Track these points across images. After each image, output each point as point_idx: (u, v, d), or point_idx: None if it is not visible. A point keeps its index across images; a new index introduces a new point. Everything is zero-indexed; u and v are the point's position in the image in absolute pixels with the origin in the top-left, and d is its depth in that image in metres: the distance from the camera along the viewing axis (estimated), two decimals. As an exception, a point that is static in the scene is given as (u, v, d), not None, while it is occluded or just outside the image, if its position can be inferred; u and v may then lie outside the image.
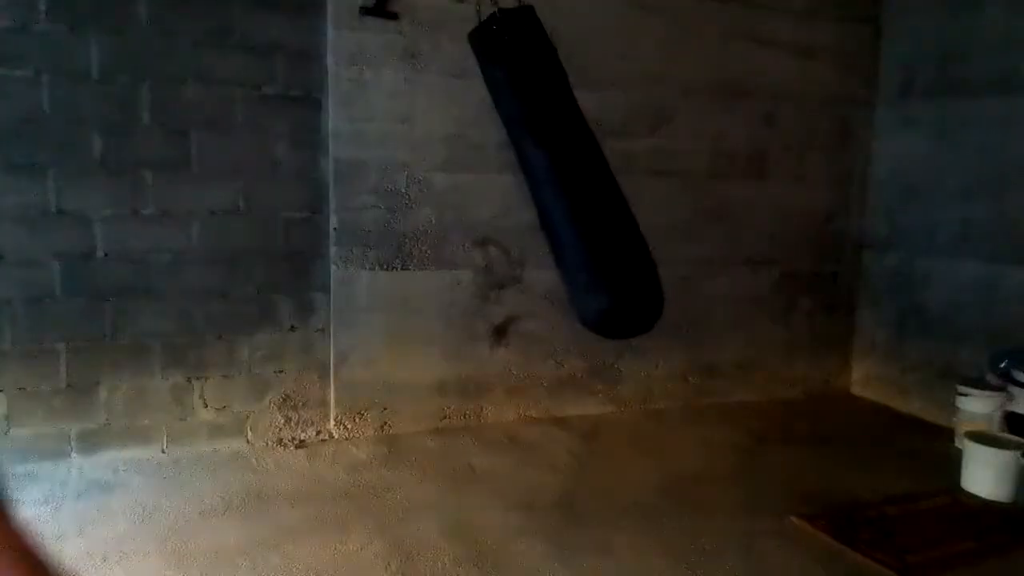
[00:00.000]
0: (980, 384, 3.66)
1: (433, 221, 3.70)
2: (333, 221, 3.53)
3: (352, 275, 3.58)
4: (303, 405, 3.60)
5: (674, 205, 4.18)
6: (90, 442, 3.27)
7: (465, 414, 3.88)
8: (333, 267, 3.56)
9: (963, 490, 3.25)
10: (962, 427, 3.59)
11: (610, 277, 2.63)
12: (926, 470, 3.50)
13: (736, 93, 4.22)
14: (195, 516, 2.82)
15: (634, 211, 4.07)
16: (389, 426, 3.73)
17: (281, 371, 3.55)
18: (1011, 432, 3.45)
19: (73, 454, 3.25)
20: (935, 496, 3.20)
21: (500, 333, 3.91)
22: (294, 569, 2.48)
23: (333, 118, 3.47)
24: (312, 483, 3.15)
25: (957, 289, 4.11)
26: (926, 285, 4.28)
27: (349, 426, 3.66)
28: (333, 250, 3.55)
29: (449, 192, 3.72)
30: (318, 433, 3.64)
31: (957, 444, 3.64)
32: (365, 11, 3.42)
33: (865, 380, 4.66)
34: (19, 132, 3.04)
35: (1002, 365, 3.62)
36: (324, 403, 3.64)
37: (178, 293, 3.34)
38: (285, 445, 3.53)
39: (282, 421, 3.57)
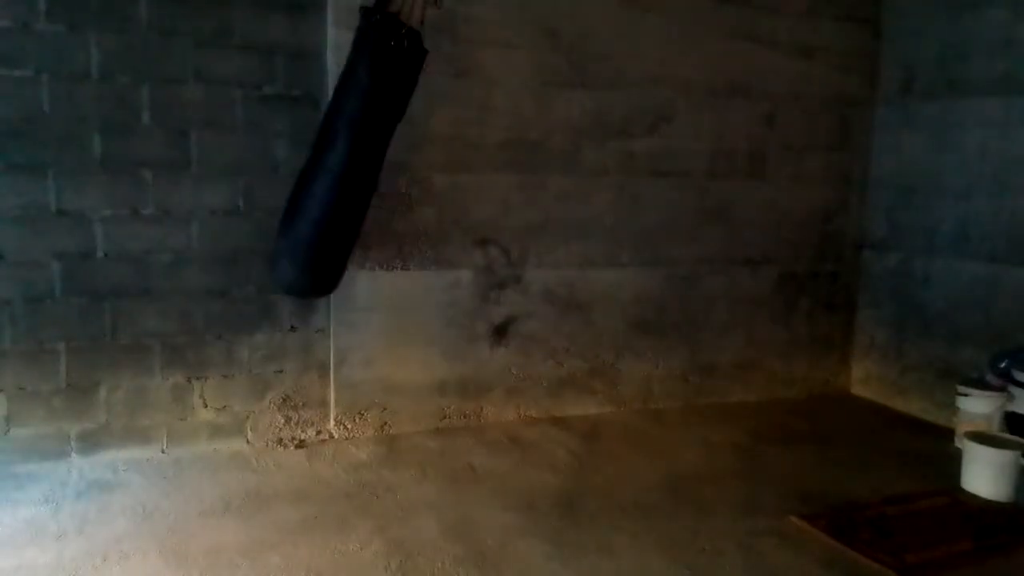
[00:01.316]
0: (980, 384, 3.66)
1: (433, 221, 3.70)
2: (333, 221, 3.53)
3: (352, 275, 3.58)
4: (303, 405, 3.60)
5: (674, 205, 4.18)
6: (90, 442, 3.27)
7: (465, 414, 3.88)
8: (333, 267, 3.56)
9: (963, 490, 3.25)
10: (962, 427, 3.60)
11: (310, 262, 3.20)
12: (926, 470, 3.50)
13: (736, 93, 4.22)
14: (195, 516, 2.82)
15: (634, 211, 4.12)
16: (389, 426, 3.73)
17: (281, 371, 3.55)
18: (1011, 432, 3.46)
19: (73, 454, 3.25)
20: (935, 496, 3.20)
21: (500, 333, 3.91)
22: (294, 569, 2.48)
23: (333, 118, 3.47)
24: (312, 483, 3.15)
25: (957, 289, 4.11)
26: (926, 285, 4.28)
27: (349, 426, 3.67)
28: (333, 250, 3.55)
29: (449, 192, 3.72)
30: (318, 433, 3.64)
31: (957, 444, 3.64)
32: (365, 11, 3.42)
33: (865, 380, 4.66)
34: (19, 132, 3.04)
35: (1002, 365, 3.62)
36: (324, 403, 3.64)
37: (178, 293, 3.34)
38: (285, 445, 3.53)
39: (282, 421, 3.57)
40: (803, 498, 3.13)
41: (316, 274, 3.25)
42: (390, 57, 2.98)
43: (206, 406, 3.44)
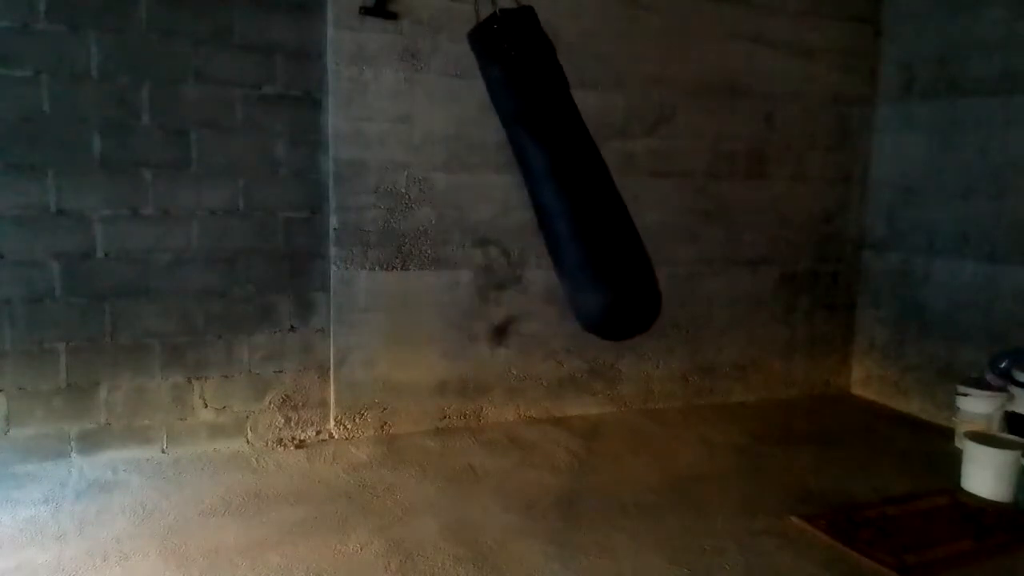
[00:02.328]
0: (980, 384, 3.66)
1: (433, 221, 3.70)
2: (333, 221, 3.53)
3: (352, 275, 3.58)
4: (303, 405, 3.60)
5: (674, 205, 4.18)
6: (90, 442, 3.27)
7: (465, 414, 3.88)
8: (333, 267, 3.56)
9: (963, 490, 3.25)
10: (962, 427, 3.60)
11: (611, 274, 2.59)
12: (926, 470, 3.50)
13: (736, 93, 4.22)
14: (195, 516, 2.82)
15: (634, 211, 4.09)
16: (389, 426, 3.73)
17: (281, 371, 3.55)
18: (1011, 432, 3.45)
19: (73, 454, 3.25)
20: (935, 496, 3.20)
21: (500, 333, 3.91)
22: (294, 569, 2.48)
23: (333, 118, 3.47)
24: (312, 483, 3.15)
25: (957, 289, 4.11)
26: (926, 285, 4.28)
27: (349, 426, 3.67)
28: (333, 250, 3.55)
29: (449, 192, 3.72)
30: (318, 433, 3.64)
31: (957, 444, 3.64)
32: (365, 11, 3.42)
33: (865, 380, 4.66)
34: (19, 132, 3.04)
35: (1002, 365, 3.62)
36: (324, 403, 3.64)
37: (178, 293, 3.34)
38: (285, 445, 3.53)
39: (282, 421, 3.57)
40: (803, 498, 3.13)
41: (619, 288, 2.61)
42: (500, 39, 2.56)
43: (206, 406, 3.44)
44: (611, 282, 2.60)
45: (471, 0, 2.68)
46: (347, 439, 3.63)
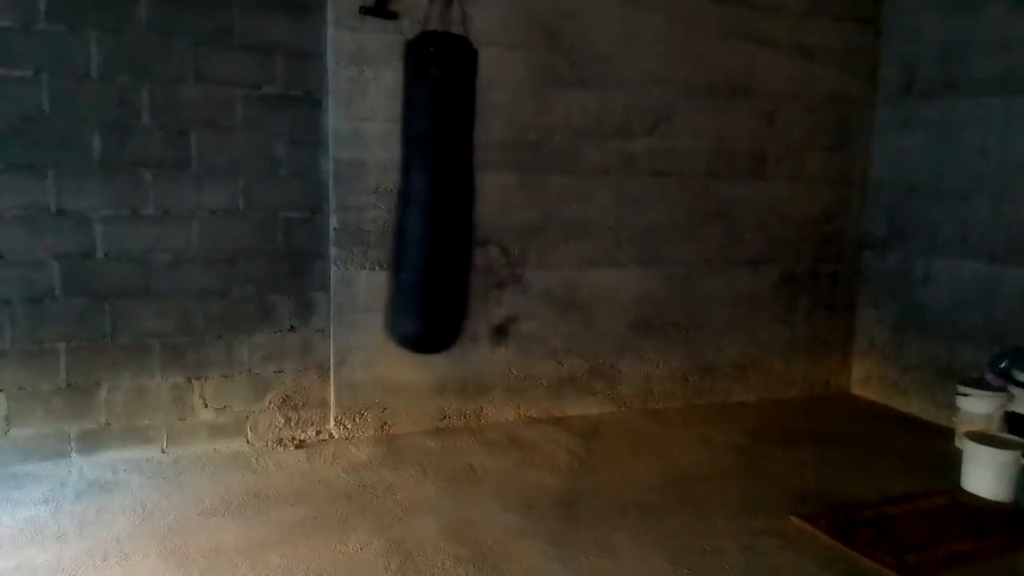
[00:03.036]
0: (980, 384, 3.66)
1: (433, 221, 3.70)
2: (333, 221, 3.53)
3: (352, 275, 3.58)
4: (303, 405, 3.60)
5: (674, 205, 4.18)
6: (90, 442, 3.27)
7: (465, 414, 3.88)
8: (333, 267, 3.56)
9: (963, 490, 3.25)
10: (962, 427, 3.60)
11: (432, 307, 2.94)
12: (926, 470, 3.50)
13: (736, 93, 4.22)
14: (195, 516, 2.82)
15: (634, 211, 4.12)
16: (389, 426, 3.73)
17: (281, 371, 3.55)
18: (1011, 432, 3.45)
19: (73, 454, 3.25)
20: (935, 496, 3.20)
21: (500, 333, 3.91)
22: (294, 569, 2.48)
23: (333, 118, 3.47)
24: (312, 483, 3.15)
25: (957, 289, 4.11)
26: (926, 285, 4.28)
27: (349, 426, 3.67)
28: (333, 250, 3.55)
29: (449, 192, 3.71)
30: (318, 433, 3.64)
31: (957, 444, 3.64)
32: (365, 11, 3.42)
33: (865, 380, 4.66)
34: (19, 132, 3.04)
35: (1002, 365, 3.62)
36: (324, 403, 3.64)
37: (178, 293, 3.34)
38: (285, 445, 3.53)
39: (282, 421, 3.57)
40: (803, 498, 3.13)
41: (429, 323, 3.03)
42: (436, 64, 2.82)
43: (206, 406, 3.44)
44: (429, 314, 2.95)
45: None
46: (347, 439, 3.63)
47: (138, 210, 3.24)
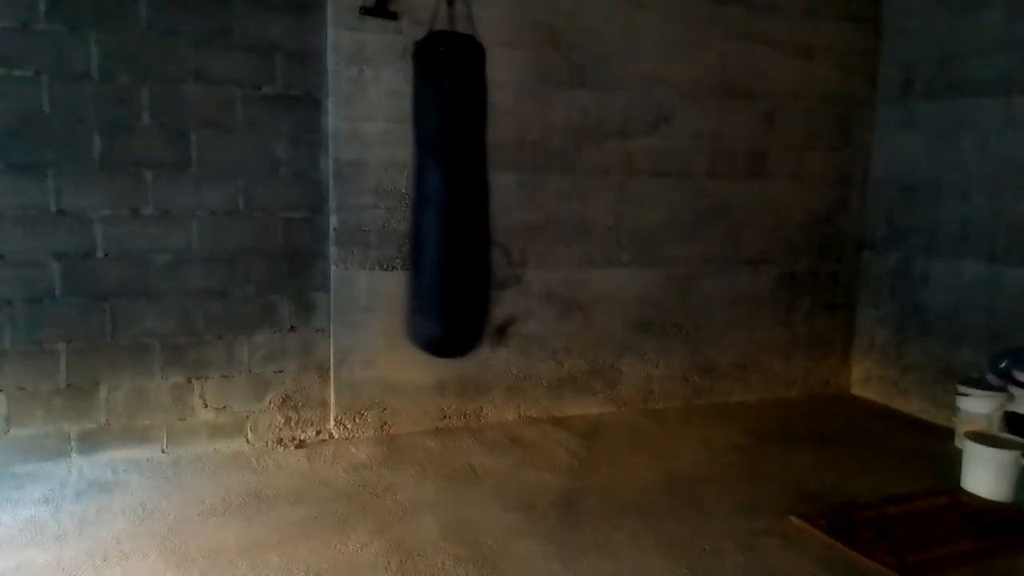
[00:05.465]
0: (980, 384, 3.66)
1: (433, 221, 3.70)
2: (333, 221, 3.53)
3: (352, 275, 3.58)
4: (303, 405, 3.60)
5: (674, 205, 4.18)
6: (90, 442, 3.27)
7: (465, 414, 3.88)
8: (333, 267, 3.56)
9: (963, 490, 3.25)
10: (962, 427, 3.60)
11: (452, 309, 2.87)
12: (926, 470, 3.50)
13: (736, 93, 4.22)
14: (195, 516, 2.82)
15: (634, 211, 4.12)
16: (389, 426, 3.73)
17: (281, 371, 3.55)
18: (1011, 432, 3.45)
19: (73, 454, 3.25)
20: (935, 496, 3.20)
21: (500, 333, 3.91)
22: (294, 569, 2.48)
23: (333, 118, 3.47)
24: (312, 483, 3.15)
25: (957, 289, 4.11)
26: (926, 285, 4.28)
27: (349, 426, 3.67)
28: (333, 250, 3.55)
29: (449, 192, 3.71)
30: (318, 433, 3.64)
31: (957, 444, 3.64)
32: (365, 11, 3.43)
33: (865, 380, 4.66)
34: (19, 132, 3.05)
35: (1002, 365, 3.62)
36: (324, 403, 3.64)
37: (178, 293, 3.34)
38: (285, 445, 3.53)
39: (282, 421, 3.57)
40: (803, 498, 3.13)
41: (451, 324, 2.96)
42: (443, 64, 2.79)
43: (206, 406, 3.44)
44: (450, 316, 2.88)
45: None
46: (347, 439, 3.64)
47: (138, 210, 3.24)
